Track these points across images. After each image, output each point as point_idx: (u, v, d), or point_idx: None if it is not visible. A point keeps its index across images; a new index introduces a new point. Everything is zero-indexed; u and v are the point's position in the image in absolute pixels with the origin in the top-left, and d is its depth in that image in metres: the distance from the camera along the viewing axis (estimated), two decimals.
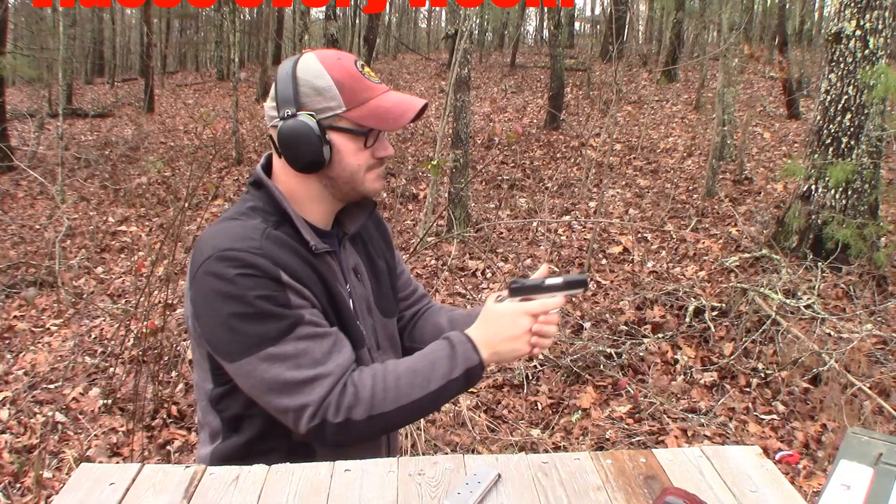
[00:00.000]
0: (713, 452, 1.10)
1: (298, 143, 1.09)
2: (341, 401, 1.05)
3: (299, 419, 1.05)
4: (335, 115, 1.10)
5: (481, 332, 1.12)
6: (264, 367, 1.04)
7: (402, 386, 1.08)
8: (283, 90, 1.11)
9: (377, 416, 1.06)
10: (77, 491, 0.99)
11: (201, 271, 1.06)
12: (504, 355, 1.12)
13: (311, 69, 1.11)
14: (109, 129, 13.09)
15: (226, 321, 1.05)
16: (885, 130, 5.06)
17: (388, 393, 1.07)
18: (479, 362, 1.10)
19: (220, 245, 1.07)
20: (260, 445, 1.16)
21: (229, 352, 1.06)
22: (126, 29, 29.09)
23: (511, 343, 1.11)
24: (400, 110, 1.12)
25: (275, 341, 1.04)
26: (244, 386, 1.08)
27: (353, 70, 1.12)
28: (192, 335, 1.15)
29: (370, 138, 1.13)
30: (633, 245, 5.81)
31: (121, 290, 5.42)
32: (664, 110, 12.25)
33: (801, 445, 3.06)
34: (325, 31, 7.34)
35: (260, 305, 1.04)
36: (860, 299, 4.25)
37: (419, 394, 1.08)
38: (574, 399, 3.50)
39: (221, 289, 1.04)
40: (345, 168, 1.13)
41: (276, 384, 1.04)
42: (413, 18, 31.68)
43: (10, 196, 8.76)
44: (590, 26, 26.68)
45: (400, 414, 1.08)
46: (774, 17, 14.49)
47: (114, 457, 3.07)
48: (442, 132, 5.80)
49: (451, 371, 1.09)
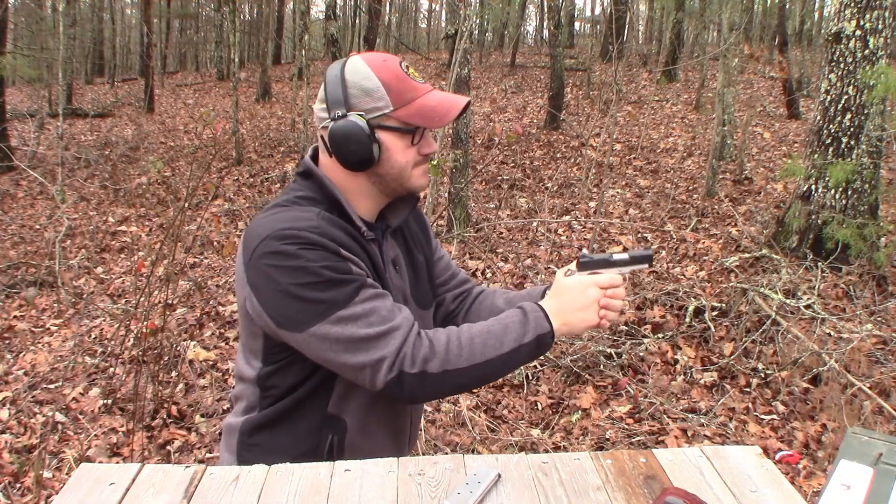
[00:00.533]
0: (713, 452, 1.10)
1: (349, 142, 1.13)
2: (416, 352, 1.09)
3: (377, 373, 1.07)
4: (383, 114, 1.15)
5: (552, 304, 1.17)
6: (338, 330, 1.07)
7: (476, 345, 1.11)
8: (332, 92, 1.15)
9: (451, 371, 1.09)
10: (77, 491, 0.99)
11: (258, 252, 1.09)
12: (575, 325, 1.16)
13: (359, 71, 1.15)
14: (109, 129, 13.09)
15: (294, 293, 1.07)
16: (885, 130, 5.05)
17: (462, 350, 1.10)
18: (550, 331, 1.14)
19: (276, 227, 1.10)
20: (292, 418, 1.19)
21: (299, 321, 1.08)
22: (126, 29, 29.10)
23: (581, 313, 1.15)
24: (445, 108, 1.17)
25: (344, 305, 1.08)
26: (315, 352, 1.10)
27: (398, 71, 1.16)
28: (247, 318, 1.16)
29: (416, 136, 1.18)
30: (633, 245, 5.82)
31: (121, 290, 5.42)
32: (664, 110, 12.25)
33: (801, 445, 3.06)
34: (326, 31, 7.34)
35: (325, 274, 1.08)
36: (860, 299, 4.25)
37: (491, 354, 1.11)
38: (574, 399, 3.50)
39: (285, 263, 1.08)
40: (393, 165, 1.18)
41: (351, 343, 1.07)
42: (413, 18, 31.69)
43: (10, 196, 8.76)
44: (590, 26, 26.69)
45: (472, 373, 1.11)
46: (774, 17, 14.49)
47: (114, 457, 3.07)
48: (442, 132, 5.80)
49: (523, 335, 1.13)
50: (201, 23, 27.45)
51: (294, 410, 1.19)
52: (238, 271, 1.15)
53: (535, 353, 1.15)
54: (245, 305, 1.15)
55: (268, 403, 1.20)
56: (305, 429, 1.19)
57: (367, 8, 13.96)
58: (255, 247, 1.10)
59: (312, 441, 1.19)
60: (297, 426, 1.19)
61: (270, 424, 1.20)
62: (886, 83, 4.29)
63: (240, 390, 1.25)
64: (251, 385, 1.21)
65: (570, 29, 20.43)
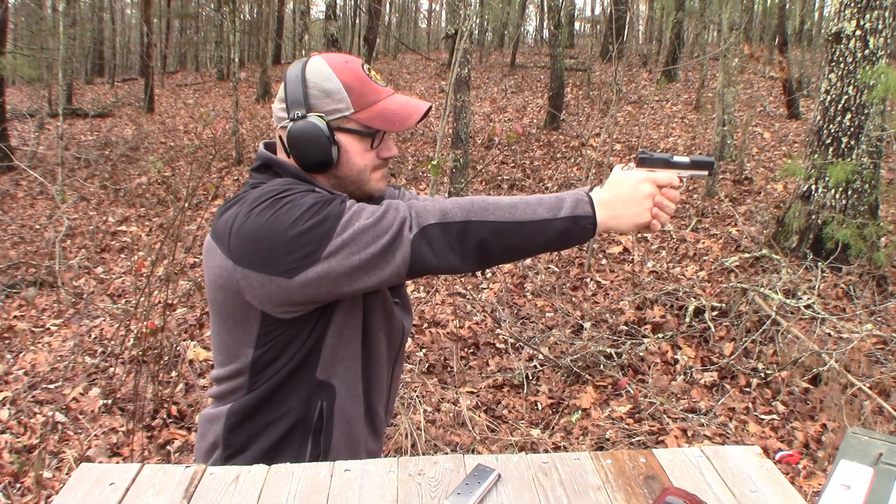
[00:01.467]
0: (713, 452, 1.10)
1: (308, 143, 1.12)
2: (428, 207, 1.07)
3: (400, 239, 1.04)
4: (343, 116, 1.14)
5: (603, 194, 1.12)
6: (349, 233, 1.04)
7: (503, 205, 1.08)
8: (292, 92, 1.14)
9: (476, 223, 1.06)
10: (77, 491, 0.98)
11: (235, 231, 1.08)
12: (624, 220, 1.11)
13: (320, 72, 1.14)
14: (109, 129, 13.09)
15: (295, 230, 1.04)
16: (885, 130, 5.06)
17: (488, 206, 1.08)
18: (592, 215, 1.09)
19: (241, 209, 1.09)
20: (282, 391, 1.18)
21: (313, 251, 1.04)
22: (126, 29, 29.11)
23: (632, 207, 1.11)
24: (406, 113, 1.16)
25: (341, 213, 1.06)
26: (337, 271, 1.05)
27: (360, 73, 1.16)
28: (238, 312, 1.13)
29: (376, 139, 1.17)
30: (633, 245, 5.82)
31: (121, 290, 5.42)
32: (664, 110, 12.25)
33: (801, 445, 3.06)
34: (325, 31, 7.34)
35: (310, 199, 1.06)
36: (860, 299, 4.25)
37: (521, 217, 1.07)
38: (574, 399, 3.50)
39: (269, 214, 1.06)
40: (352, 168, 1.17)
41: (365, 233, 1.05)
42: (413, 18, 31.69)
43: (10, 196, 8.76)
44: (590, 26, 26.68)
45: (499, 230, 1.07)
46: (774, 16, 14.50)
47: (114, 457, 3.07)
48: (442, 132, 5.79)
49: (559, 209, 1.08)
50: (201, 23, 27.45)
51: (284, 384, 1.17)
52: (220, 275, 1.12)
53: (573, 236, 1.09)
54: (236, 299, 1.11)
55: (258, 384, 1.18)
56: (295, 399, 1.17)
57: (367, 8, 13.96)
58: (229, 232, 1.09)
59: (302, 411, 1.18)
60: (288, 399, 1.17)
61: (260, 404, 1.18)
62: (886, 83, 4.29)
63: (223, 387, 1.22)
64: (241, 376, 1.18)
65: (570, 29, 20.43)
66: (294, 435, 1.19)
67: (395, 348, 1.30)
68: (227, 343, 1.19)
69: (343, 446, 1.22)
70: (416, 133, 10.93)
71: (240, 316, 1.14)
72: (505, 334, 4.20)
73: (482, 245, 1.07)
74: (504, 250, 1.09)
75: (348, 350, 1.18)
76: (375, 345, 1.23)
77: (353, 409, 1.22)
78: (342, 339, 1.18)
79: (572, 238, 1.10)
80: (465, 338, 4.23)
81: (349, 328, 1.18)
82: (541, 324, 4.39)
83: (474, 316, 4.55)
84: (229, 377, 1.20)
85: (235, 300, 1.12)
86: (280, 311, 1.11)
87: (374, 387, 1.26)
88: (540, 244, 1.09)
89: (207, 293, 1.19)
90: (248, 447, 1.20)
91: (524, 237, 1.08)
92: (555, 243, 1.10)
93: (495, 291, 4.92)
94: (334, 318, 1.16)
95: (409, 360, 3.89)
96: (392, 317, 1.25)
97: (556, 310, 4.56)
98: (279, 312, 1.12)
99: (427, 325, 4.38)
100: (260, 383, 1.17)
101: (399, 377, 1.40)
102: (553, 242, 1.10)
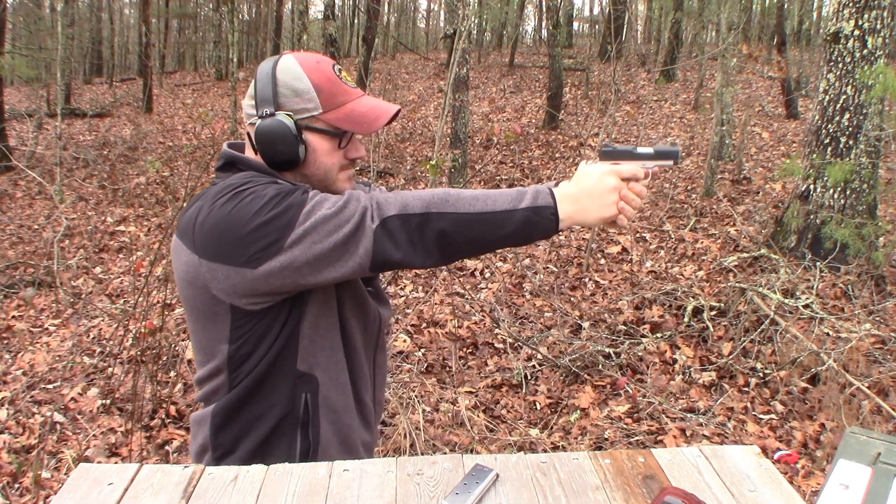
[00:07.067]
0: (712, 452, 1.10)
1: (275, 141, 1.13)
2: (390, 199, 1.08)
3: (362, 230, 1.05)
4: (312, 116, 1.15)
5: (568, 187, 1.11)
6: (310, 223, 1.05)
7: (464, 197, 1.08)
8: (262, 89, 1.15)
9: (436, 214, 1.06)
10: (75, 491, 0.98)
11: (199, 225, 1.09)
12: (590, 213, 1.11)
13: (290, 71, 1.15)
14: (108, 128, 13.07)
15: (257, 221, 1.05)
16: (883, 130, 5.06)
17: (448, 198, 1.08)
18: (553, 205, 1.08)
19: (208, 195, 1.10)
20: (264, 386, 1.18)
21: (276, 241, 1.05)
22: (124, 29, 29.08)
23: (597, 200, 1.10)
24: (374, 115, 1.17)
25: (303, 203, 1.07)
26: (302, 260, 1.06)
27: (331, 74, 1.17)
28: (208, 307, 1.14)
29: (344, 140, 1.19)
30: (631, 245, 5.82)
31: (119, 290, 5.42)
32: (662, 110, 12.25)
33: (800, 445, 3.06)
34: (324, 31, 7.34)
35: (271, 190, 1.07)
36: (858, 299, 4.25)
37: (482, 208, 1.07)
38: (573, 399, 3.51)
39: (232, 206, 1.07)
40: (319, 167, 1.18)
41: (326, 223, 1.05)
42: (412, 18, 31.68)
43: (9, 196, 8.75)
44: (588, 26, 26.70)
45: (459, 220, 1.07)
46: (773, 16, 14.50)
47: (112, 457, 3.07)
48: (440, 132, 5.79)
49: (519, 201, 1.08)
50: (200, 22, 27.44)
51: (265, 379, 1.17)
52: (187, 271, 1.12)
53: (536, 226, 1.08)
54: (205, 294, 1.12)
55: (238, 381, 1.18)
56: (279, 393, 1.17)
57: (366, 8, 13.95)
58: (193, 226, 1.10)
59: (287, 405, 1.18)
60: (271, 393, 1.17)
61: (243, 401, 1.18)
62: (885, 83, 4.29)
63: (207, 388, 1.22)
64: (221, 373, 1.19)
65: (568, 29, 20.44)
66: (281, 430, 1.19)
67: (372, 336, 1.30)
68: (203, 342, 1.19)
69: (333, 437, 1.22)
70: (414, 133, 10.93)
71: (210, 311, 1.14)
72: (503, 334, 4.20)
73: (443, 237, 1.07)
74: (467, 242, 1.09)
75: (327, 340, 1.19)
76: (351, 333, 1.24)
77: (339, 399, 1.22)
78: (319, 329, 1.18)
79: (536, 229, 1.09)
80: (464, 338, 4.23)
81: (325, 317, 1.19)
82: (539, 323, 4.39)
83: (473, 316, 4.55)
84: (210, 376, 1.20)
85: (204, 295, 1.13)
86: (247, 303, 1.12)
87: (357, 376, 1.26)
88: (503, 236, 1.09)
89: (179, 292, 1.19)
90: (236, 447, 1.20)
91: (486, 228, 1.08)
92: (518, 235, 1.09)
93: (494, 291, 4.92)
94: (308, 308, 1.16)
95: (408, 360, 3.89)
96: (366, 305, 1.26)
97: (555, 309, 4.56)
98: (247, 304, 1.12)
99: (426, 324, 4.38)
100: (240, 379, 1.17)
101: (384, 366, 1.40)
102: (517, 234, 1.09)
